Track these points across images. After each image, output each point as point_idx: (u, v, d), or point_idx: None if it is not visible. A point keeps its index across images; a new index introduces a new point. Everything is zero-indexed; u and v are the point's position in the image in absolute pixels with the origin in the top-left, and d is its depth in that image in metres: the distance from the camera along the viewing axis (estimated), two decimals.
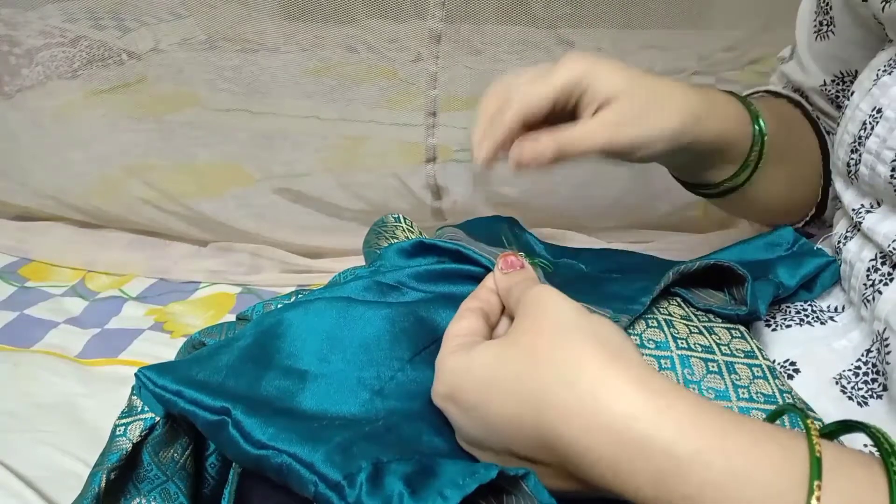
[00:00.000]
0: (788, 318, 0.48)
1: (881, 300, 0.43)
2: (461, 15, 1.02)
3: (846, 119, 0.48)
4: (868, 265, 0.46)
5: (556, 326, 0.32)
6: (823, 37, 0.58)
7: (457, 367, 0.33)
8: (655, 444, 0.27)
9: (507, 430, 0.31)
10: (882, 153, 0.43)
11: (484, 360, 0.32)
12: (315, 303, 0.41)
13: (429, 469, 0.31)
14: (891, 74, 0.45)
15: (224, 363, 0.38)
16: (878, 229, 0.45)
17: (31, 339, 0.96)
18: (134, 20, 1.42)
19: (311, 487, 0.31)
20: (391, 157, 1.17)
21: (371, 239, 0.56)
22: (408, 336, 0.40)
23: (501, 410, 0.31)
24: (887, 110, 0.44)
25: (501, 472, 0.30)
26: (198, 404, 0.35)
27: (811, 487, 0.24)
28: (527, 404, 0.30)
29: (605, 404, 0.28)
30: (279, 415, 0.34)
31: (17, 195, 1.21)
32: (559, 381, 0.29)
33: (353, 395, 0.36)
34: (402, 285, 0.45)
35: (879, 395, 0.42)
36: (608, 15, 1.09)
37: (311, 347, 0.39)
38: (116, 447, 0.38)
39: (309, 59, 1.22)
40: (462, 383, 0.33)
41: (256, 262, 1.14)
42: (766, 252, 0.51)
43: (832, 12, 0.56)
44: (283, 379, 0.37)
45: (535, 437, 0.30)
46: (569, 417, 0.29)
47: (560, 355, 0.30)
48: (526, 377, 0.30)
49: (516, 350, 0.32)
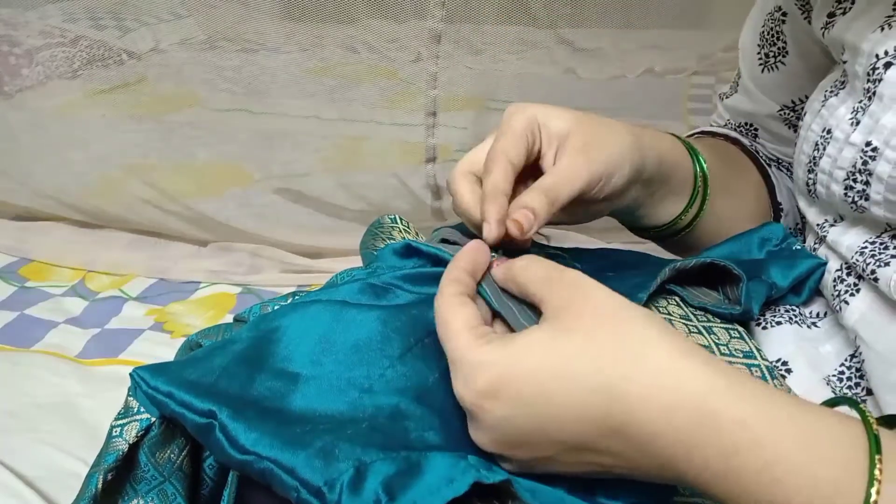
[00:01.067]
0: (778, 316, 0.49)
1: (848, 310, 0.44)
2: (461, 15, 1.02)
3: (801, 140, 0.49)
4: (834, 276, 0.47)
5: (613, 311, 0.31)
6: (772, 68, 0.58)
7: (498, 359, 0.31)
8: (732, 417, 0.28)
9: (568, 420, 0.30)
10: (834, 172, 0.44)
11: (536, 349, 0.31)
12: (311, 306, 0.41)
13: (414, 467, 0.31)
14: (837, 95, 0.46)
15: (218, 364, 0.38)
16: (841, 241, 0.46)
17: (31, 339, 0.96)
18: (134, 20, 1.42)
19: (293, 493, 0.31)
20: (391, 157, 1.17)
21: (368, 240, 0.56)
22: (399, 334, 0.40)
23: (567, 399, 0.30)
24: (836, 131, 0.44)
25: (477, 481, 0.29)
26: (187, 406, 0.35)
27: (872, 461, 0.26)
28: (598, 391, 0.29)
29: (684, 382, 0.29)
30: (266, 418, 0.34)
31: (17, 195, 1.21)
32: (633, 366, 0.29)
33: (342, 395, 0.36)
34: (394, 287, 0.45)
35: (864, 399, 0.43)
36: (608, 15, 1.09)
37: (305, 350, 0.39)
38: (113, 448, 0.38)
39: (309, 59, 1.22)
40: (511, 376, 0.31)
41: (256, 262, 1.14)
42: (758, 248, 0.51)
43: (782, 42, 0.57)
44: (274, 380, 0.37)
45: (602, 425, 0.30)
46: (646, 399, 0.29)
47: (628, 340, 0.30)
48: (593, 364, 0.30)
49: (574, 336, 0.31)
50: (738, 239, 0.52)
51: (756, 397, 0.28)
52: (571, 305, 0.32)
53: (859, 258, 0.44)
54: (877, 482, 0.25)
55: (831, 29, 0.47)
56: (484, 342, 0.32)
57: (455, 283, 0.36)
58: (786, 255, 0.50)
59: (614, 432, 0.29)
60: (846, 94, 0.45)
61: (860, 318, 0.43)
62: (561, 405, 0.30)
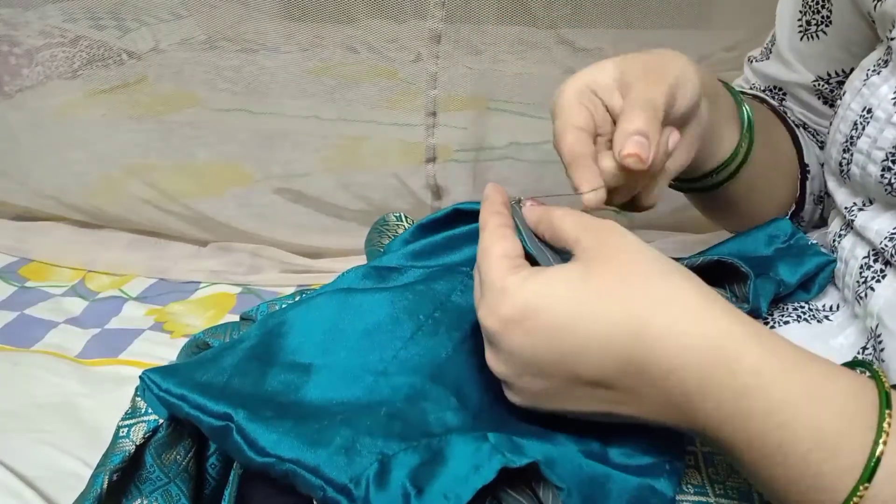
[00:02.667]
0: (786, 315, 0.48)
1: (873, 297, 0.44)
2: (461, 15, 1.02)
3: (838, 119, 0.48)
4: (861, 262, 0.46)
5: (646, 256, 0.32)
6: (812, 36, 0.57)
7: (533, 287, 0.32)
8: (746, 361, 0.29)
9: (589, 352, 0.31)
10: (872, 153, 0.44)
11: (566, 284, 0.32)
12: (316, 299, 0.41)
13: (437, 455, 0.31)
14: (879, 74, 0.45)
15: (228, 364, 0.38)
16: (870, 226, 0.46)
17: (31, 339, 0.96)
18: (134, 20, 1.42)
19: (318, 492, 0.31)
20: (391, 157, 1.17)
21: (373, 237, 0.56)
22: (408, 313, 0.40)
23: (590, 331, 0.30)
24: (877, 110, 0.44)
25: (504, 467, 0.30)
26: (202, 409, 0.35)
27: (882, 415, 0.27)
28: (620, 326, 0.30)
29: (705, 325, 0.30)
30: (283, 415, 0.34)
31: (17, 195, 1.21)
32: (661, 305, 0.30)
33: (358, 381, 0.36)
34: (400, 266, 0.45)
35: None
36: (608, 15, 1.09)
37: (314, 341, 0.39)
38: (119, 448, 0.38)
39: (309, 59, 1.22)
40: (543, 303, 0.31)
41: (256, 262, 1.14)
42: (766, 245, 0.51)
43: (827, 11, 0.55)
44: (287, 374, 0.37)
45: (622, 359, 0.30)
46: (667, 337, 0.30)
47: (660, 282, 0.31)
48: (620, 300, 0.31)
49: (607, 274, 0.31)
50: (745, 236, 0.52)
51: (771, 346, 0.29)
52: (605, 248, 0.33)
53: (888, 244, 0.44)
54: (884, 433, 0.26)
55: (884, 2, 0.46)
56: (517, 271, 0.33)
57: (497, 216, 0.36)
58: (794, 251, 0.50)
59: (634, 368, 0.30)
60: (889, 73, 0.44)
61: (885, 304, 0.43)
62: (585, 338, 0.31)
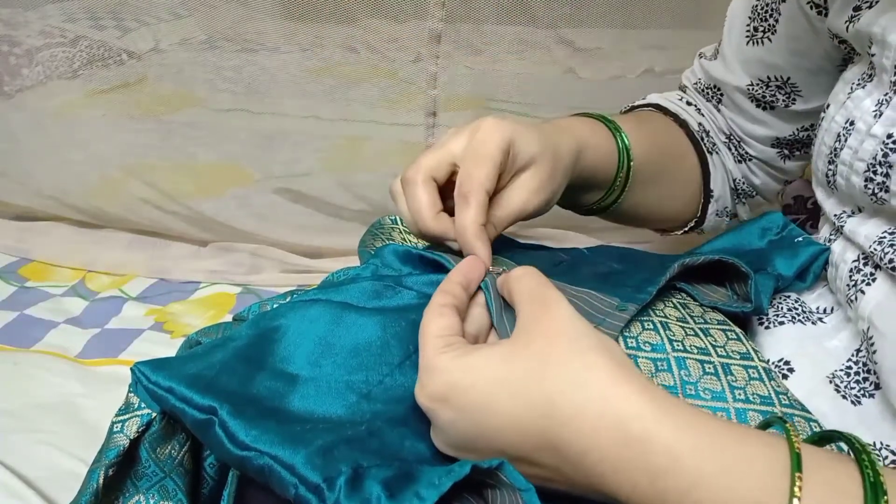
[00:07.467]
0: (781, 315, 0.49)
1: (864, 300, 0.45)
2: (461, 15, 1.02)
3: (822, 131, 0.50)
4: (851, 266, 0.47)
5: (570, 335, 0.33)
6: (757, 42, 0.59)
7: (458, 366, 0.33)
8: (657, 441, 0.29)
9: (508, 431, 0.32)
10: (854, 164, 0.45)
11: (493, 360, 0.33)
12: (311, 307, 0.41)
13: (408, 474, 0.31)
14: (864, 88, 0.46)
15: (218, 360, 0.38)
16: (859, 231, 0.47)
17: (31, 339, 0.96)
18: (134, 20, 1.42)
19: (291, 490, 0.31)
20: (391, 157, 1.17)
21: (367, 240, 0.56)
22: (398, 340, 0.40)
23: (508, 411, 0.32)
24: (858, 122, 0.45)
25: (475, 466, 0.30)
26: (187, 402, 0.35)
27: (793, 479, 0.27)
28: (536, 407, 0.31)
29: (614, 406, 0.30)
30: (266, 416, 0.34)
31: (17, 195, 1.21)
32: (571, 386, 0.31)
33: (341, 398, 0.37)
34: (401, 285, 0.45)
35: (872, 393, 0.43)
36: (608, 15, 1.09)
37: (304, 351, 0.39)
38: (114, 444, 0.38)
39: (309, 59, 1.22)
40: (465, 383, 0.33)
41: (256, 262, 1.14)
42: (759, 238, 0.52)
43: (773, 20, 0.58)
44: (273, 381, 0.37)
45: (538, 438, 0.31)
46: (578, 419, 0.30)
47: (574, 362, 0.32)
48: (537, 381, 0.31)
49: (528, 353, 0.33)
50: (739, 229, 0.52)
51: (684, 422, 0.30)
52: (537, 324, 0.34)
53: (877, 247, 0.44)
54: (796, 499, 0.26)
55: (857, 22, 0.47)
56: (447, 351, 0.34)
57: (443, 294, 0.38)
58: (787, 243, 0.51)
59: (549, 447, 0.31)
60: (873, 87, 0.45)
61: (876, 306, 0.44)
62: (502, 416, 0.32)
